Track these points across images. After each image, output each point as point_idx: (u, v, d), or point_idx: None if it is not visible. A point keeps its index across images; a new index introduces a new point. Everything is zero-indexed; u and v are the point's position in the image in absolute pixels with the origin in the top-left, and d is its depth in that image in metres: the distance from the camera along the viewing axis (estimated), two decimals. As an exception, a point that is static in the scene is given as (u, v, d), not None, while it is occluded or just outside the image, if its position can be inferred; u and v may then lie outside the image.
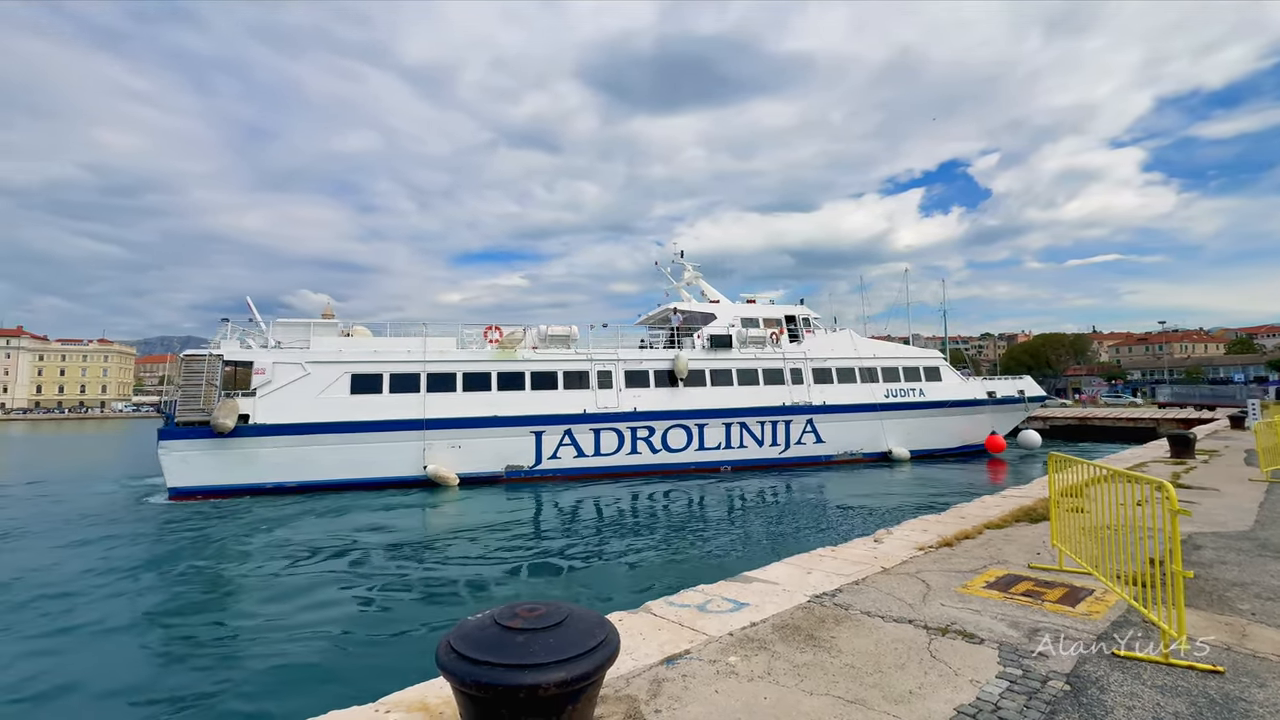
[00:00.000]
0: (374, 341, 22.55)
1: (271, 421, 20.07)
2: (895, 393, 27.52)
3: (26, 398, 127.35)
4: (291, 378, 20.64)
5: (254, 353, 20.89)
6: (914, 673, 3.48)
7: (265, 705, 6.16)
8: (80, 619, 8.68)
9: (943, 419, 28.04)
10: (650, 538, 13.55)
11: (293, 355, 21.00)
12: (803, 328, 27.87)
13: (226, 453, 19.65)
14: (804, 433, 25.87)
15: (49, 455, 37.57)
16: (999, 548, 6.40)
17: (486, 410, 22.02)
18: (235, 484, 19.58)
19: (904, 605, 4.62)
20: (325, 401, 20.68)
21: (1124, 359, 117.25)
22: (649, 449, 23.73)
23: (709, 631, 4.12)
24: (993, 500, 9.70)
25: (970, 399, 28.81)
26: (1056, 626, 4.15)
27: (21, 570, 11.24)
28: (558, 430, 22.69)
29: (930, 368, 28.77)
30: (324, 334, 22.15)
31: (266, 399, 20.25)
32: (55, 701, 6.37)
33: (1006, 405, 29.89)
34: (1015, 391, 30.33)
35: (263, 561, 11.85)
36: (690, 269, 30.42)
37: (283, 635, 7.99)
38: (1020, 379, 31.66)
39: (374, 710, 3.07)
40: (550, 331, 24.07)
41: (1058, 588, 4.97)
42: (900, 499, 17.84)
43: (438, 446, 21.31)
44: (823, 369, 26.89)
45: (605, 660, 2.25)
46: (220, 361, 20.48)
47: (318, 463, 20.32)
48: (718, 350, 25.69)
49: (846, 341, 28.21)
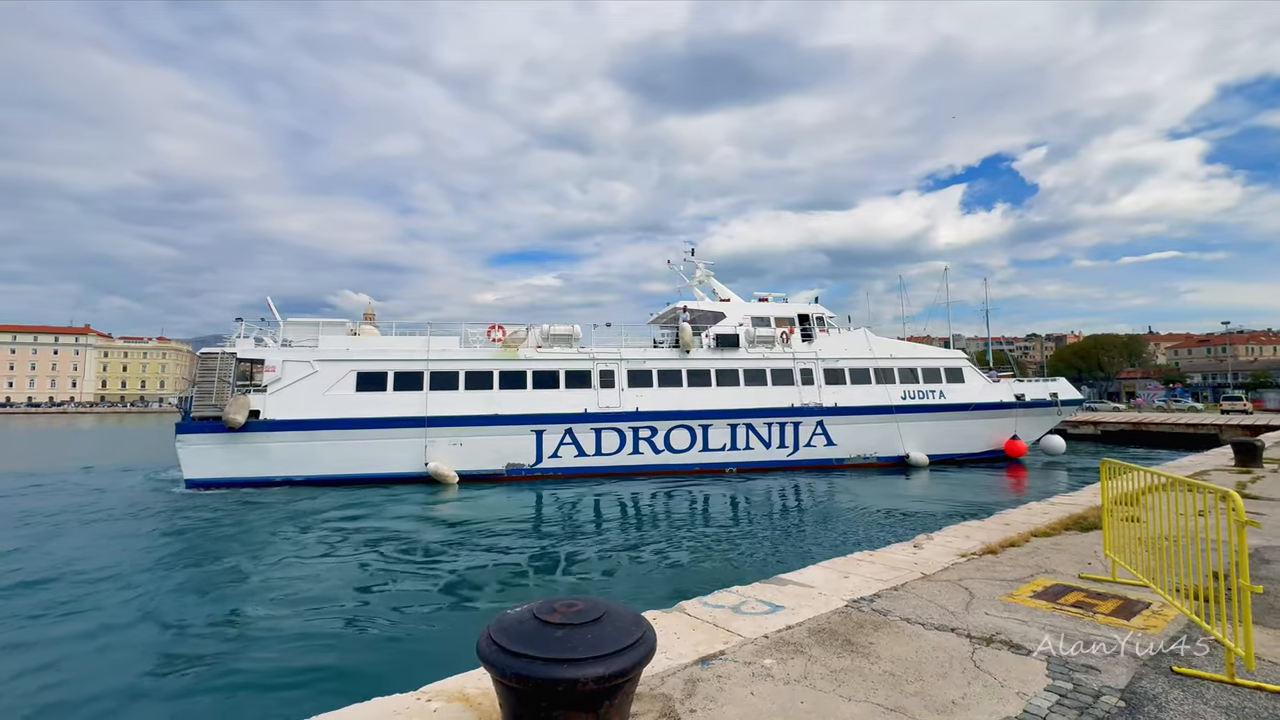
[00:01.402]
0: (380, 340, 23.10)
1: (280, 417, 20.75)
2: (913, 394, 26.41)
3: (93, 392, 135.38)
4: (300, 375, 21.29)
5: (264, 350, 21.74)
6: (957, 682, 3.38)
7: (301, 692, 6.40)
8: (101, 606, 9.08)
9: (965, 422, 26.75)
10: (671, 538, 13.52)
11: (301, 353, 21.63)
12: (816, 327, 27.06)
13: (238, 447, 20.37)
14: (814, 435, 25.13)
15: (106, 446, 39.77)
16: (1047, 556, 6.17)
17: (488, 409, 22.22)
18: (247, 477, 20.34)
19: (946, 613, 4.50)
20: (331, 398, 21.23)
21: (1183, 361, 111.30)
22: (651, 449, 23.50)
23: (744, 633, 4.09)
24: (1039, 507, 9.34)
25: (995, 402, 27.38)
26: (1110, 640, 3.97)
27: (66, 553, 12.02)
28: (558, 429, 22.69)
29: (952, 369, 27.44)
30: (332, 333, 22.72)
31: (276, 395, 20.94)
32: (118, 681, 6.75)
33: (1035, 409, 28.29)
34: (1047, 394, 28.61)
35: (288, 553, 12.24)
36: (702, 267, 29.99)
37: (316, 624, 8.28)
38: (1054, 381, 29.89)
39: (415, 698, 3.16)
40: (553, 331, 24.08)
41: (1111, 599, 4.76)
42: (913, 505, 17.08)
43: (439, 444, 21.60)
44: (835, 369, 26.04)
45: (642, 658, 2.26)
46: (234, 359, 21.37)
47: (323, 458, 20.86)
48: (724, 350, 25.16)
49: (861, 341, 27.18)
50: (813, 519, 15.53)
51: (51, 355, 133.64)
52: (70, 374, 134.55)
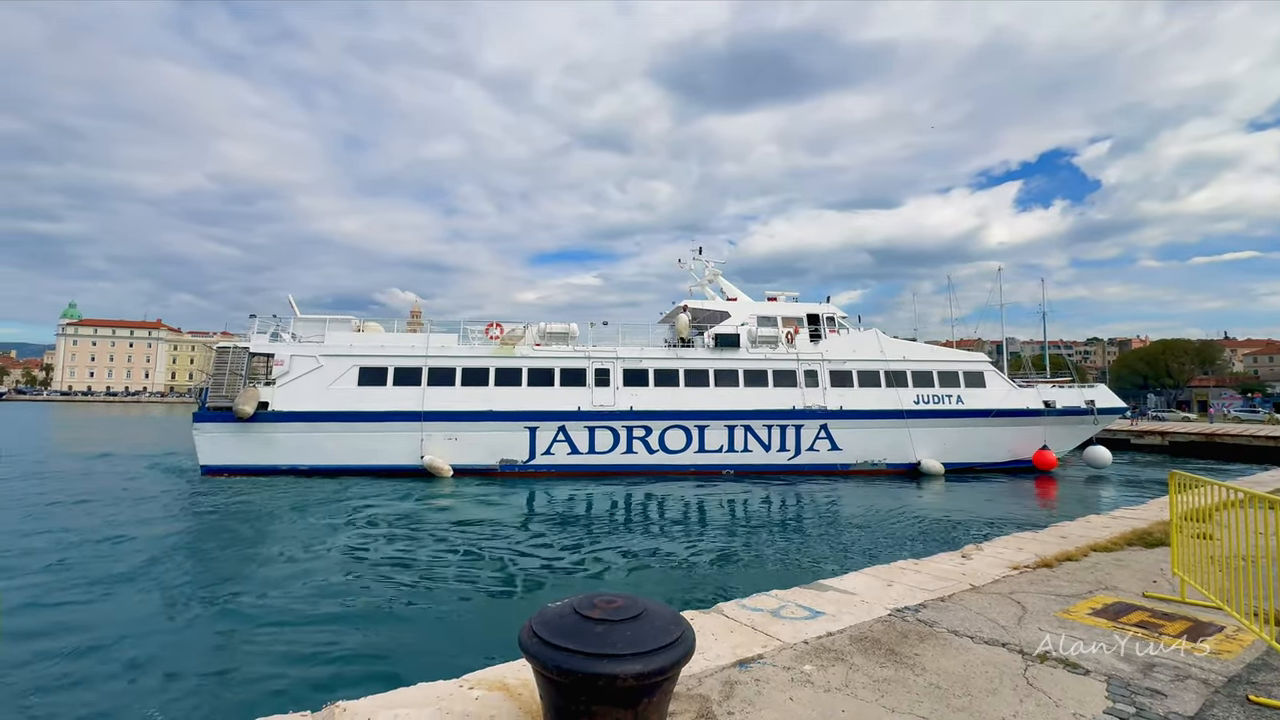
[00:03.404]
0: (382, 337, 23.85)
1: (286, 409, 21.71)
2: (927, 399, 24.97)
3: (163, 383, 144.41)
4: (306, 369, 22.23)
5: (274, 345, 22.81)
6: (1007, 699, 3.25)
7: (342, 671, 6.65)
8: (131, 582, 9.62)
9: (986, 430, 25.08)
10: (696, 539, 13.40)
11: (308, 348, 22.61)
12: (827, 327, 25.99)
13: (248, 436, 21.45)
14: (817, 439, 24.09)
15: (165, 433, 42.17)
16: (1107, 572, 5.85)
17: (482, 404, 22.58)
18: (255, 464, 21.38)
19: (996, 627, 4.33)
20: (335, 392, 22.08)
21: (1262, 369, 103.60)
22: (645, 449, 23.15)
23: (782, 637, 4.04)
24: (1100, 520, 8.87)
25: (1019, 409, 25.49)
26: (1177, 663, 3.74)
27: (104, 526, 12.97)
28: (551, 426, 22.73)
29: (972, 372, 25.79)
30: (337, 329, 23.68)
31: (284, 388, 21.92)
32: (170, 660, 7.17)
33: (1068, 417, 26.23)
34: (1082, 402, 26.58)
35: (307, 540, 12.65)
36: (711, 266, 29.40)
37: (348, 608, 8.58)
38: (1093, 388, 27.81)
39: (458, 685, 3.24)
40: (549, 329, 24.27)
41: (1178, 620, 4.48)
42: (918, 515, 16.15)
43: (435, 438, 22.10)
44: (841, 371, 24.89)
45: (681, 657, 2.26)
46: (246, 353, 22.46)
47: (326, 449, 21.73)
48: (724, 349, 24.55)
49: (871, 342, 25.77)
50: (842, 526, 14.95)
51: (128, 348, 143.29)
52: (144, 365, 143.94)
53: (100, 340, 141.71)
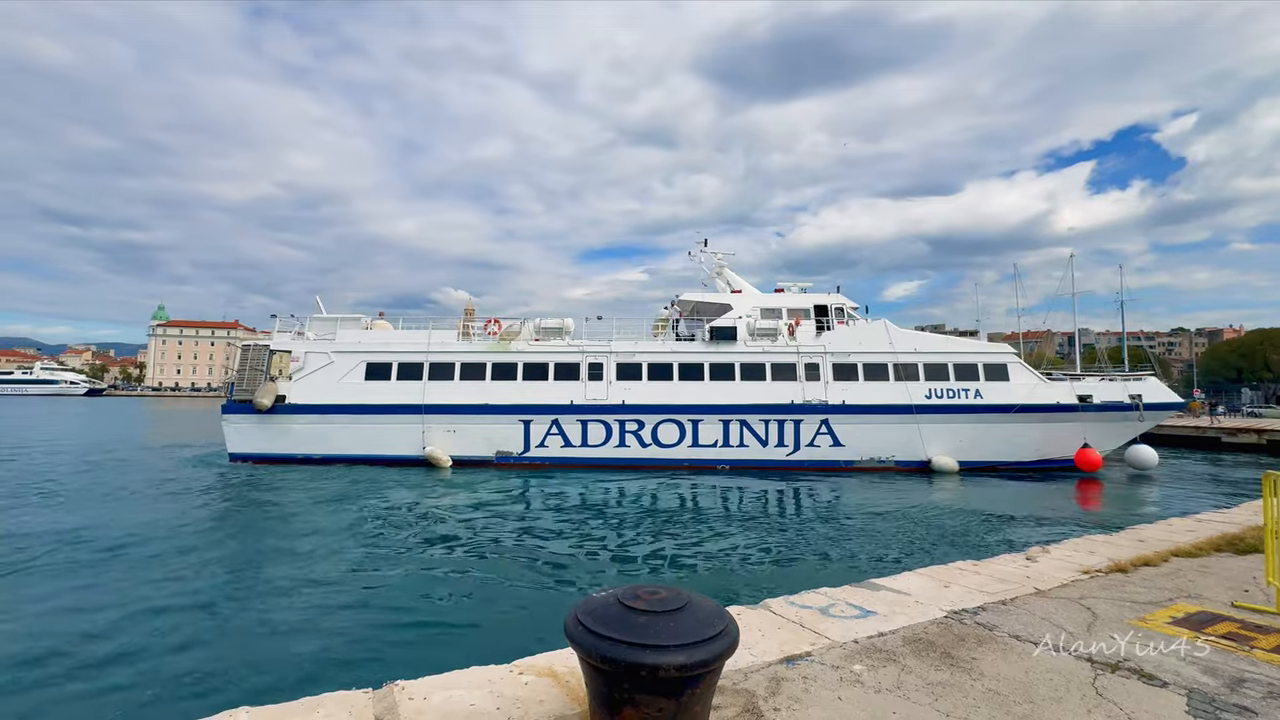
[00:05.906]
0: (389, 334, 25.11)
1: (300, 402, 23.39)
2: (940, 393, 23.47)
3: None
4: (319, 365, 23.83)
5: (292, 342, 24.55)
6: (1073, 709, 3.08)
7: (392, 654, 6.94)
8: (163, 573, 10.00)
9: (1008, 426, 23.38)
10: (713, 532, 13.26)
11: (321, 345, 24.18)
12: (835, 319, 24.85)
13: (268, 427, 23.27)
14: (817, 434, 23.22)
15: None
16: (1190, 579, 5.44)
17: (479, 398, 23.39)
18: (274, 453, 23.21)
19: (1063, 633, 4.10)
20: (344, 386, 23.58)
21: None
22: (638, 442, 23.16)
23: (831, 636, 3.96)
24: (1182, 524, 8.25)
25: (1046, 404, 23.57)
26: (1271, 680, 3.45)
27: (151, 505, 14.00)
28: (545, 420, 23.25)
29: (994, 364, 23.98)
30: (348, 327, 25.09)
31: (300, 383, 23.61)
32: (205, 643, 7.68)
33: (1109, 413, 23.95)
34: (1126, 396, 24.16)
35: (341, 527, 13.18)
36: (718, 257, 28.76)
37: (375, 596, 8.92)
38: (1141, 380, 25.07)
39: (509, 670, 3.35)
40: (545, 324, 25.01)
41: (1273, 634, 4.12)
42: (920, 518, 15.11)
43: (435, 430, 23.23)
44: (845, 364, 23.84)
45: (724, 650, 2.26)
46: (267, 350, 24.24)
47: (336, 439, 23.27)
48: (720, 342, 23.98)
49: (879, 333, 24.44)
50: (850, 525, 14.18)
51: (209, 347, 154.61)
52: (224, 363, 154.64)
53: (185, 340, 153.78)
